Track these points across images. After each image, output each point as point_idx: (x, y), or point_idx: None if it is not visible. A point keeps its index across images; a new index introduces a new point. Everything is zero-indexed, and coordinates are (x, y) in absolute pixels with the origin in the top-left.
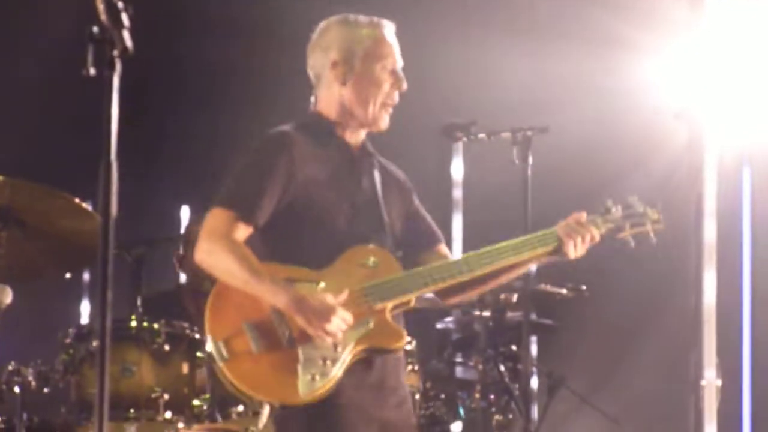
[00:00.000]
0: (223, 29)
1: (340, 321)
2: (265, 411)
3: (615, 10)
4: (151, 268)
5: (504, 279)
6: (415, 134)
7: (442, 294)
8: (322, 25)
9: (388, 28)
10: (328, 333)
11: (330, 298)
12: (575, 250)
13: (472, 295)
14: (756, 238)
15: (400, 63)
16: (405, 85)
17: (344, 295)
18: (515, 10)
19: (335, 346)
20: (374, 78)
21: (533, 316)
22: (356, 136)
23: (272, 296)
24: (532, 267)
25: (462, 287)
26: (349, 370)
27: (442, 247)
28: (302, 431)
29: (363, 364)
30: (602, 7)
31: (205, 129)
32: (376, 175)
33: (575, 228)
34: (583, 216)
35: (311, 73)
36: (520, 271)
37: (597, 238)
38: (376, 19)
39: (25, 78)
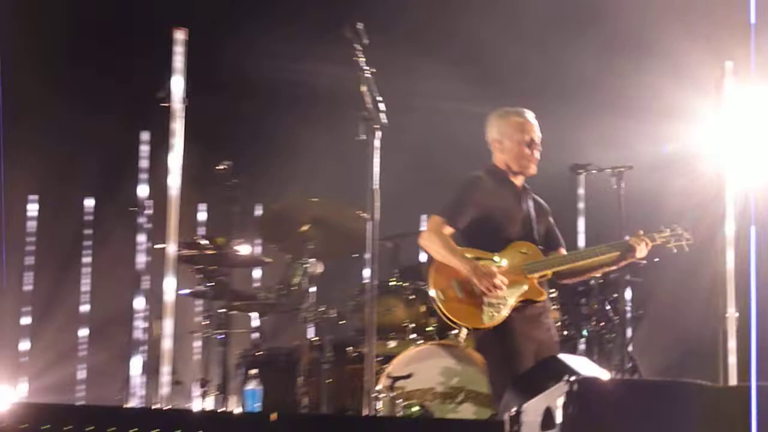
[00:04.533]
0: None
1: (498, 282)
2: (463, 331)
3: (670, 99)
4: (403, 250)
5: (596, 273)
6: (557, 170)
7: (558, 277)
8: (490, 116)
9: (529, 114)
10: (488, 289)
11: (494, 269)
12: (640, 252)
13: (578, 280)
14: (759, 231)
15: (537, 135)
16: (540, 150)
17: (504, 268)
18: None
19: (505, 298)
20: (518, 147)
21: (627, 276)
22: (518, 180)
23: (460, 266)
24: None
25: (571, 275)
26: (518, 311)
27: (562, 250)
28: (493, 345)
29: (526, 307)
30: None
31: (431, 169)
32: (531, 204)
33: (641, 238)
34: (641, 232)
35: (490, 146)
36: (605, 270)
37: (650, 245)
38: (521, 109)
39: (323, 144)
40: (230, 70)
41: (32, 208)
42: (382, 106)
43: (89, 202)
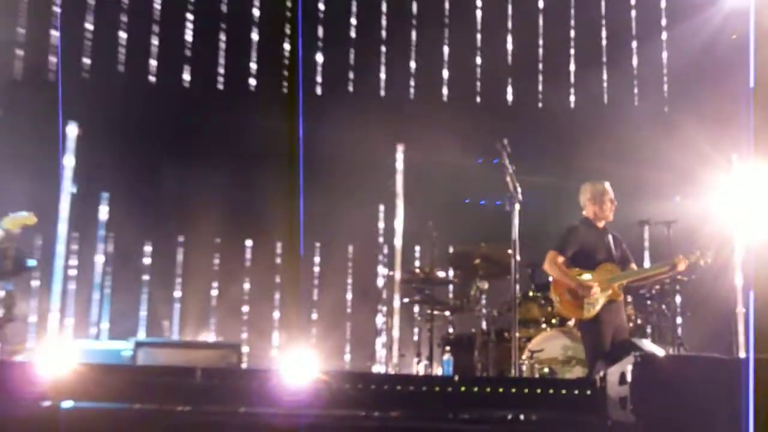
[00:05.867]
0: None
1: (594, 291)
2: (572, 321)
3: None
4: (537, 272)
5: (653, 282)
6: (630, 223)
7: (630, 284)
8: (583, 185)
9: (607, 184)
10: (587, 295)
11: (589, 283)
12: (681, 266)
13: (643, 285)
14: (757, 258)
15: (612, 195)
16: (615, 204)
17: (596, 283)
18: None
19: (597, 299)
20: (604, 202)
21: (677, 287)
22: (601, 224)
23: (569, 282)
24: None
25: (638, 282)
26: (604, 307)
27: (633, 265)
28: (588, 329)
29: (609, 304)
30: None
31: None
32: (611, 238)
33: (680, 259)
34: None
35: (582, 205)
36: (661, 279)
37: (687, 263)
38: (603, 181)
39: (486, 211)
40: (423, 166)
41: (318, 254)
42: (519, 189)
43: (351, 248)
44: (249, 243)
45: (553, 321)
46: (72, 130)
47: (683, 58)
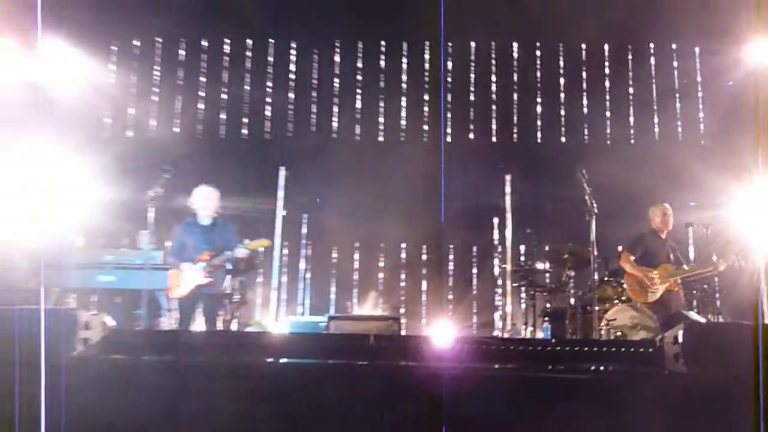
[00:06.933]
0: None
1: (656, 282)
2: (638, 303)
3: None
4: (611, 262)
5: (698, 277)
6: (679, 226)
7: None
8: (651, 208)
9: (668, 205)
10: (650, 285)
11: (652, 276)
12: (720, 269)
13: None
14: None
15: (671, 212)
16: (672, 220)
17: (657, 276)
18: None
19: (658, 289)
20: (664, 218)
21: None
22: (663, 234)
23: (638, 274)
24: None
25: (687, 278)
26: (663, 294)
27: (684, 265)
28: (659, 305)
29: (667, 293)
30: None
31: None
32: (669, 244)
33: (722, 263)
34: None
35: (650, 219)
36: (704, 276)
37: (725, 265)
38: (665, 204)
39: (575, 220)
40: (525, 189)
41: (451, 253)
42: (595, 204)
43: (474, 249)
44: (404, 245)
45: (623, 298)
46: (282, 173)
47: (716, 102)
